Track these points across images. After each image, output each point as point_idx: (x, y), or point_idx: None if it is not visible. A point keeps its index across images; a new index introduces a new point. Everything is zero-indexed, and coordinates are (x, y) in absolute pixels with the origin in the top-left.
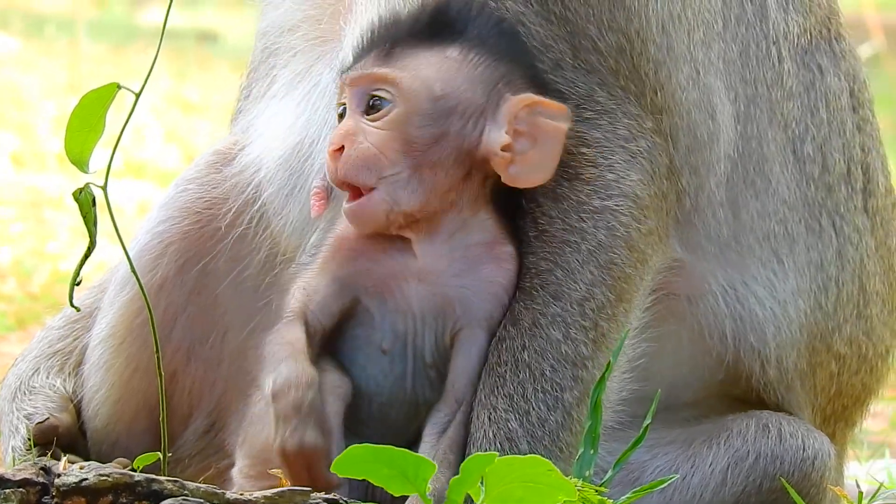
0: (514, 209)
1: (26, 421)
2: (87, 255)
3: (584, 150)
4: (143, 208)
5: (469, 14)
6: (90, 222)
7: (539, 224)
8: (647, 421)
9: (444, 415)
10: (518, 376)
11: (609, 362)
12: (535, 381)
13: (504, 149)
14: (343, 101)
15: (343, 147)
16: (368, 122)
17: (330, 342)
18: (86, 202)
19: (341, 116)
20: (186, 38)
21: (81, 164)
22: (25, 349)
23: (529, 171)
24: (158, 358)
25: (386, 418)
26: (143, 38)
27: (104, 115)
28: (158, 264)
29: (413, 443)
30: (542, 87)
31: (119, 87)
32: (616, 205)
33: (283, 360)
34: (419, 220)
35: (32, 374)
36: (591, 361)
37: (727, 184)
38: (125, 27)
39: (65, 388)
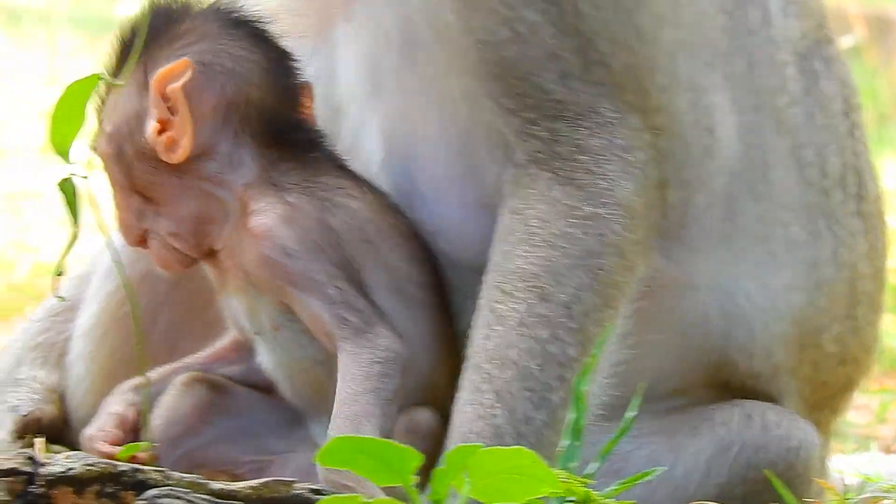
0: (281, 143)
1: (12, 413)
2: (70, 245)
3: (579, 156)
4: None
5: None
6: (74, 211)
7: (530, 226)
8: (633, 413)
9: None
10: (505, 374)
11: (593, 354)
12: (522, 380)
13: (157, 132)
14: None
15: None
16: None
17: None
18: (69, 191)
19: None
20: None
21: (64, 153)
22: (8, 341)
23: (183, 139)
24: (141, 349)
25: (280, 382)
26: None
27: (85, 106)
28: (142, 255)
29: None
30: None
31: (100, 78)
32: (608, 213)
33: None
34: (198, 235)
35: (16, 367)
36: (577, 363)
37: (725, 191)
38: (101, 19)
39: (49, 380)
